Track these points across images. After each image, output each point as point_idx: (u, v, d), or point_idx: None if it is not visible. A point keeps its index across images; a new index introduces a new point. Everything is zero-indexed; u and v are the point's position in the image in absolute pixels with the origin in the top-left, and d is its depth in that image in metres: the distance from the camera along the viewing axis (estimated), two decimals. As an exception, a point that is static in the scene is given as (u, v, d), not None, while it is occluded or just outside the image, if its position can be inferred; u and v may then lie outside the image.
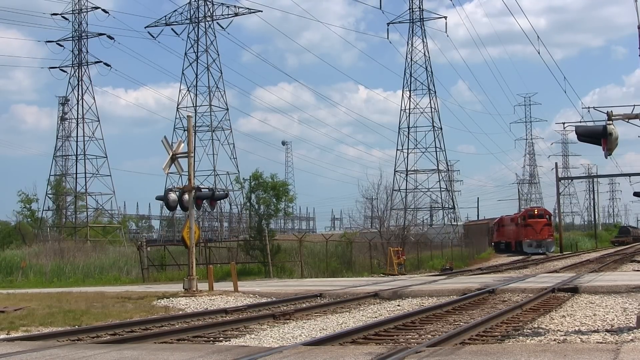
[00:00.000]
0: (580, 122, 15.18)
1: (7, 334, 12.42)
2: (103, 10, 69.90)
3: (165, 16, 72.07)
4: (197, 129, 66.24)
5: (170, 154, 20.58)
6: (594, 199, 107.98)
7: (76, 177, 69.87)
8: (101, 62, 70.11)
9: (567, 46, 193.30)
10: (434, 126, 80.00)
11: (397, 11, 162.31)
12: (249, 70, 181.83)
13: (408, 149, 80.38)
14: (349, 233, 47.43)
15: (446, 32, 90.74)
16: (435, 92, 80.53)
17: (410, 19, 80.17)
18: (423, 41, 79.89)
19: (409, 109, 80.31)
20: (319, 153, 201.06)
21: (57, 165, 73.06)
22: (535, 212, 64.33)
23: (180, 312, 15.90)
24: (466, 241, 66.77)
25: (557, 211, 75.47)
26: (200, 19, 70.34)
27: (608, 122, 11.17)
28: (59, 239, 50.88)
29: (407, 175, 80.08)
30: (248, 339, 11.56)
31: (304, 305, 17.13)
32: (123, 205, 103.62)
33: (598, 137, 11.27)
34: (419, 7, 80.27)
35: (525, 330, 11.32)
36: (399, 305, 16.86)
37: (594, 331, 11.08)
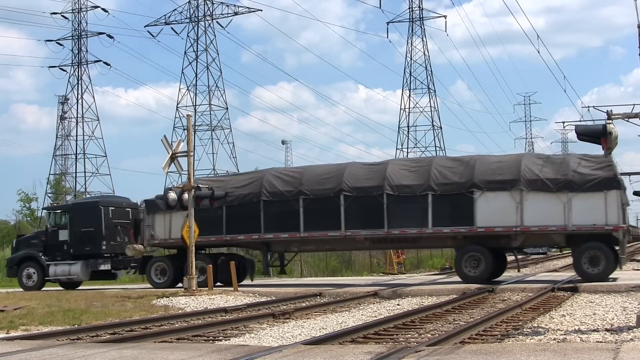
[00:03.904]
0: (579, 121, 15.20)
1: (6, 333, 12.41)
2: (103, 9, 69.81)
3: (164, 15, 71.76)
4: (196, 128, 66.04)
5: (170, 153, 20.58)
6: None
7: (76, 176, 69.80)
8: (101, 61, 70.10)
9: (565, 46, 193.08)
10: (433, 125, 79.91)
11: (397, 10, 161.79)
12: (249, 70, 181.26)
13: (408, 148, 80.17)
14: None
15: (446, 31, 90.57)
16: (435, 91, 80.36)
17: (410, 18, 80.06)
18: (423, 40, 79.83)
19: (409, 108, 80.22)
20: (318, 152, 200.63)
21: (57, 164, 72.95)
22: None
23: (180, 312, 15.90)
24: None
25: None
26: (200, 18, 70.19)
27: (608, 121, 11.17)
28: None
29: (406, 174, 79.90)
30: (248, 338, 11.56)
31: (304, 304, 17.13)
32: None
33: (598, 136, 11.26)
34: (419, 7, 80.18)
35: (525, 330, 11.32)
36: (398, 305, 16.87)
37: (594, 330, 11.07)
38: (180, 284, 22.44)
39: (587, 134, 11.49)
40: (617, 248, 20.20)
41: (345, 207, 21.78)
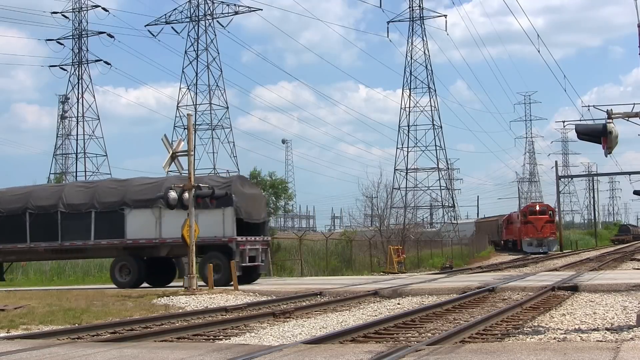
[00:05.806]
0: (580, 120, 15.28)
1: (7, 332, 12.42)
2: (103, 8, 70.10)
3: (165, 14, 71.99)
4: (197, 127, 66.14)
5: (170, 152, 20.60)
6: (593, 197, 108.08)
7: (76, 176, 69.96)
8: (101, 60, 70.26)
9: (564, 46, 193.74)
10: (433, 124, 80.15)
11: (397, 10, 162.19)
12: (249, 69, 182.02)
13: (408, 147, 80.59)
14: (348, 232, 47.34)
15: (446, 30, 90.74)
16: (435, 90, 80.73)
17: (410, 18, 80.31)
18: (423, 39, 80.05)
19: (409, 107, 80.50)
20: (319, 151, 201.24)
21: (57, 163, 73.24)
22: (537, 209, 61.02)
23: (180, 311, 15.89)
24: (478, 237, 67.36)
25: (557, 209, 75.24)
26: (200, 17, 70.28)
27: (608, 120, 11.17)
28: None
29: (407, 173, 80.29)
30: (248, 337, 11.56)
31: (304, 303, 17.13)
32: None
33: (598, 135, 11.27)
34: (419, 6, 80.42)
35: (525, 329, 11.32)
36: (399, 304, 16.86)
37: (594, 329, 11.08)
38: None
39: (587, 133, 11.51)
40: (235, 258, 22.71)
41: (30, 222, 25.40)
